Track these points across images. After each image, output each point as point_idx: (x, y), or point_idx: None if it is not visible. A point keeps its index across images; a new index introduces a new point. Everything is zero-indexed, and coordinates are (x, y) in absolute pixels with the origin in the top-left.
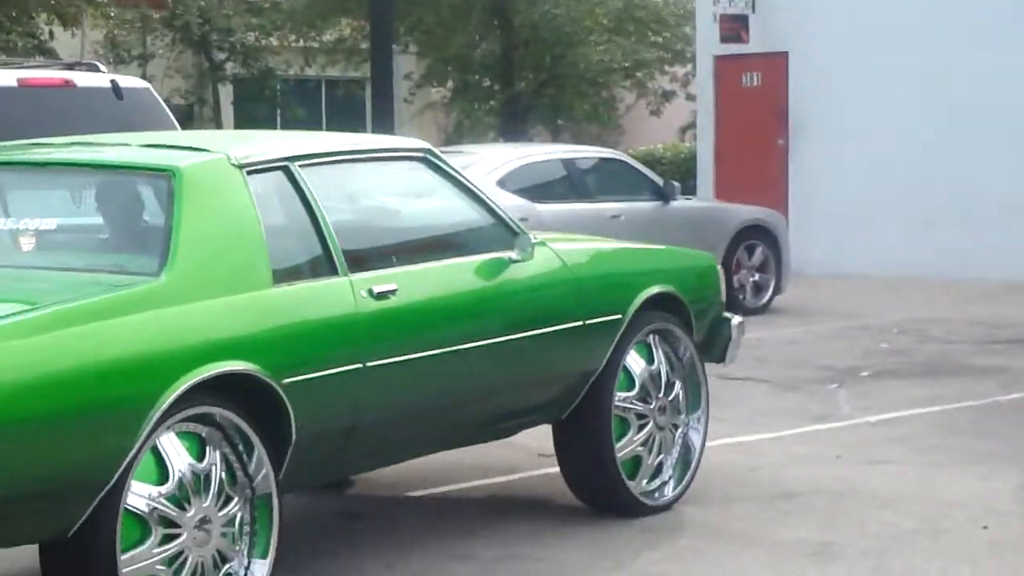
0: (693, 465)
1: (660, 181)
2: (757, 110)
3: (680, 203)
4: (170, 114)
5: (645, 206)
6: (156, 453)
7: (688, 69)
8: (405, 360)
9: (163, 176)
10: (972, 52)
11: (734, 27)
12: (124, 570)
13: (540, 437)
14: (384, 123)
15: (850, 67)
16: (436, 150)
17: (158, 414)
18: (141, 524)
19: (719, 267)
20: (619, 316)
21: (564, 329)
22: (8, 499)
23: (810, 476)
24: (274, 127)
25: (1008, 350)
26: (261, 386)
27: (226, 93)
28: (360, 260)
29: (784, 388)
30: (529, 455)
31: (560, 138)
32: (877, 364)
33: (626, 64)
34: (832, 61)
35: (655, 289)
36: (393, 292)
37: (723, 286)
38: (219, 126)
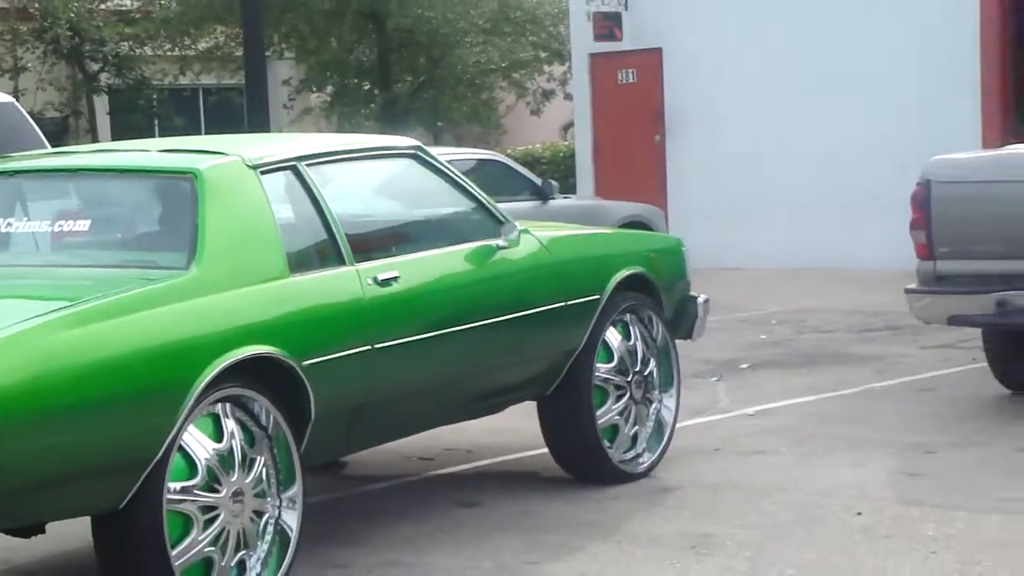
0: (666, 438)
1: (538, 181)
2: (633, 107)
3: (559, 202)
4: (38, 130)
5: (523, 206)
6: (181, 450)
7: (566, 68)
8: (407, 342)
9: (186, 178)
10: (847, 44)
11: (607, 25)
12: (177, 563)
13: (418, 443)
14: (260, 130)
15: (723, 61)
16: (425, 147)
17: (196, 394)
18: (183, 518)
19: (684, 248)
20: (596, 297)
21: (548, 310)
22: (63, 476)
23: (690, 470)
24: (152, 136)
25: (883, 338)
26: (283, 368)
27: (101, 104)
28: (364, 250)
29: None
30: (406, 460)
31: (442, 140)
32: (756, 356)
33: (503, 64)
34: (705, 56)
35: (628, 270)
36: (395, 279)
37: (688, 266)
38: (95, 138)
